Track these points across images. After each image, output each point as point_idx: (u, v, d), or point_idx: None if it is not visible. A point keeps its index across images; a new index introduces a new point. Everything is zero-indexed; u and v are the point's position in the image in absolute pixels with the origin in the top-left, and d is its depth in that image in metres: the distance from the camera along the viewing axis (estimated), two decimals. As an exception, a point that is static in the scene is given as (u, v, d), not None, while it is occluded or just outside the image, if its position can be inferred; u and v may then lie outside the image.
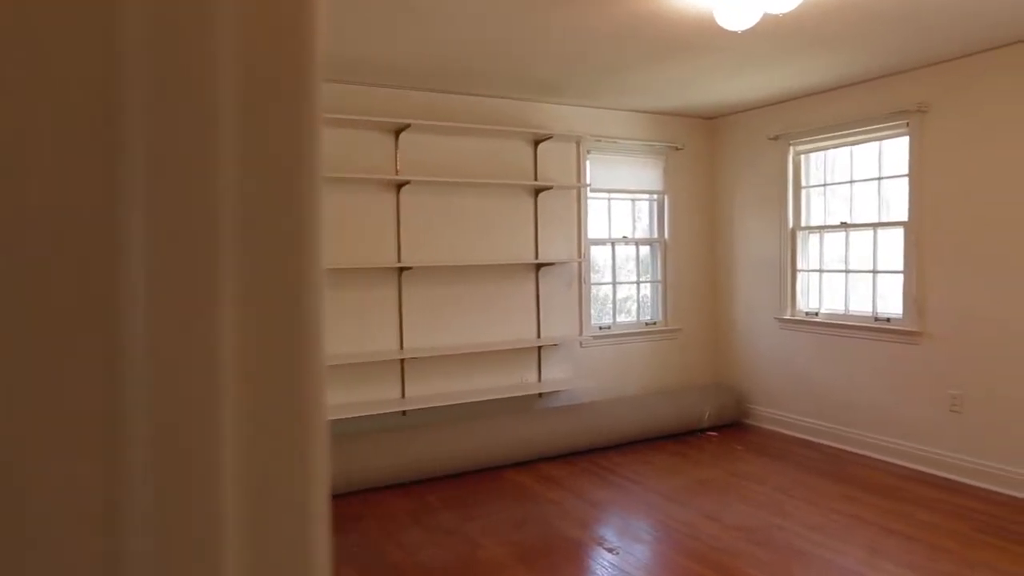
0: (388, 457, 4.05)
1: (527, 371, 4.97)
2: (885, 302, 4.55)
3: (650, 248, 5.58)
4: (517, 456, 4.46)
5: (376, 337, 4.43)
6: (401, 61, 3.84)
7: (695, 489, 4.00)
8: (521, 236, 4.91)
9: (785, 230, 5.12)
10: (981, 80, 3.90)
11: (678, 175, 5.57)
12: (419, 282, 4.57)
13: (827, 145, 4.85)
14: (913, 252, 4.29)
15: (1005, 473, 3.84)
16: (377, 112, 4.38)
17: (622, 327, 5.38)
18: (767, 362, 5.32)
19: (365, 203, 4.37)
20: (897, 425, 4.41)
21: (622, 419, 4.83)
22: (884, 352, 4.47)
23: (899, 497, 3.80)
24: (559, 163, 5.04)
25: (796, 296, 5.12)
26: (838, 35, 3.49)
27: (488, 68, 4.01)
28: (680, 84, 4.48)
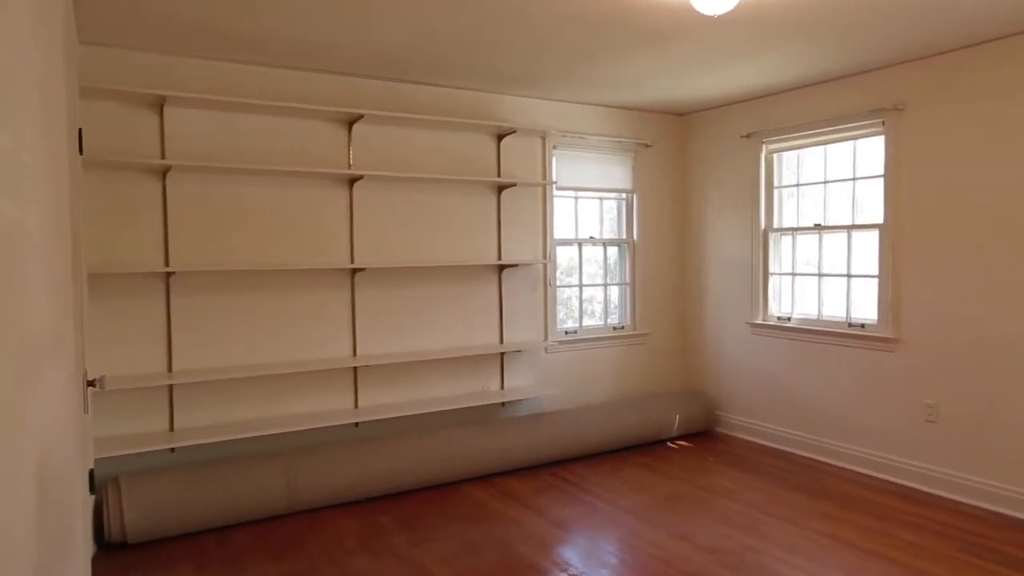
0: (337, 473, 3.75)
1: (489, 379, 4.70)
2: (860, 307, 4.39)
3: (618, 249, 5.36)
4: (477, 470, 4.19)
5: (327, 343, 4.12)
6: (353, 47, 3.54)
7: (664, 506, 3.77)
8: (483, 236, 4.64)
9: (757, 231, 4.94)
10: (959, 78, 3.75)
11: (648, 173, 5.35)
12: (374, 284, 4.27)
13: (801, 144, 4.67)
14: (888, 256, 4.13)
15: (983, 486, 3.70)
16: (328, 101, 4.07)
17: (589, 331, 5.14)
18: (738, 368, 5.14)
19: (315, 199, 4.06)
20: (873, 435, 4.26)
21: (588, 429, 4.59)
22: (859, 359, 4.31)
23: (877, 514, 3.62)
24: (524, 159, 4.78)
25: (768, 300, 4.94)
26: (816, 26, 3.29)
27: (447, 56, 3.73)
28: (651, 77, 4.25)
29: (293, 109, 3.82)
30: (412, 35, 3.36)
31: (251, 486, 3.49)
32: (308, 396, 4.07)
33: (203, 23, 3.15)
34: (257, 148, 3.88)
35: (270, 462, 3.62)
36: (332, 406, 4.16)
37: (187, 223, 3.71)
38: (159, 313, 3.65)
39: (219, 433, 3.61)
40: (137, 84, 3.54)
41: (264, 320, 3.92)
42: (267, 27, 3.22)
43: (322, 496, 3.70)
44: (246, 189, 3.86)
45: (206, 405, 3.78)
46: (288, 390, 4.01)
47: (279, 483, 3.57)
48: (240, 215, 3.85)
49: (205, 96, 3.55)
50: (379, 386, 4.30)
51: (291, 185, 3.98)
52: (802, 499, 3.85)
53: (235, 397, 3.85)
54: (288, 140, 3.96)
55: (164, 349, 3.66)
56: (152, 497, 3.25)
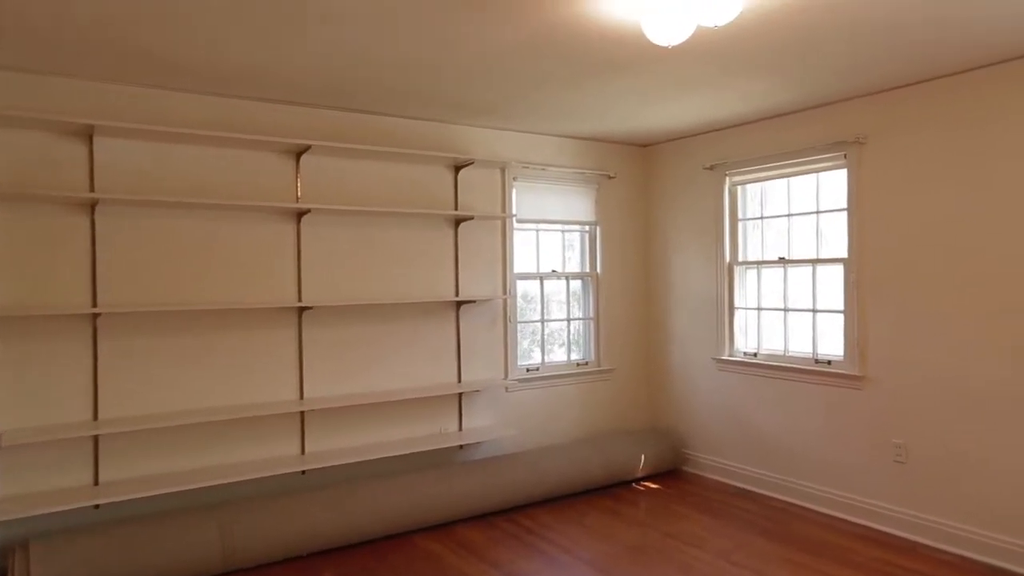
0: (279, 526, 3.49)
1: (446, 421, 4.49)
2: (826, 343, 4.29)
3: (581, 282, 5.22)
4: (431, 519, 3.96)
5: (271, 386, 3.88)
6: (299, 75, 3.37)
7: (628, 556, 3.58)
8: (440, 271, 4.46)
9: (722, 264, 4.84)
10: (920, 111, 3.70)
11: (611, 205, 5.24)
12: (323, 323, 4.05)
13: (764, 176, 4.60)
14: (853, 291, 4.04)
15: (952, 530, 3.57)
16: (273, 131, 3.88)
17: (551, 368, 4.97)
18: (705, 405, 4.99)
19: (259, 234, 3.85)
20: (841, 476, 4.12)
21: (550, 471, 4.39)
22: (825, 397, 4.20)
23: (846, 560, 3.47)
24: (482, 191, 4.63)
25: (734, 335, 4.82)
26: (775, 59, 3.22)
27: (400, 85, 3.58)
28: (610, 107, 4.15)
29: (235, 140, 3.63)
30: (351, 61, 3.21)
31: (181, 544, 3.22)
32: (250, 444, 3.82)
33: (133, 48, 2.96)
34: (196, 180, 3.67)
35: (204, 517, 3.35)
36: (276, 453, 3.90)
37: (118, 261, 3.47)
38: (85, 357, 3.39)
39: (150, 487, 3.34)
40: (63, 112, 3.32)
41: (202, 363, 3.68)
42: (202, 52, 3.04)
43: (261, 552, 3.44)
44: (184, 224, 3.64)
45: (136, 456, 3.50)
46: (228, 438, 3.75)
47: (213, 540, 3.30)
48: (177, 252, 3.62)
49: (139, 126, 3.34)
50: (328, 431, 4.07)
51: (233, 219, 3.77)
52: (770, 546, 3.68)
53: (169, 447, 3.59)
54: (230, 172, 3.76)
55: (90, 396, 3.39)
56: (67, 562, 2.96)
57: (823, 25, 2.78)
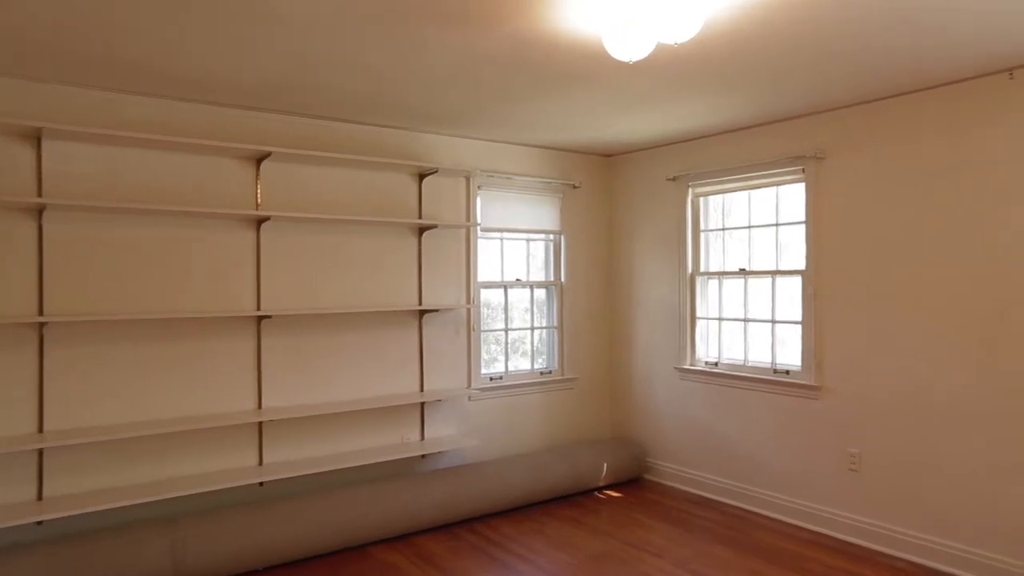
0: (233, 540, 3.41)
1: (409, 430, 4.44)
2: (785, 353, 4.36)
3: (546, 291, 5.23)
4: (392, 530, 3.91)
5: (228, 397, 3.80)
6: (260, 80, 3.31)
7: (588, 566, 3.58)
8: (403, 280, 4.42)
9: (684, 275, 4.89)
10: (874, 129, 3.79)
11: (576, 214, 5.26)
12: (282, 332, 3.98)
13: (726, 188, 4.67)
14: (811, 302, 4.12)
15: (906, 537, 3.66)
16: (232, 137, 3.81)
17: (515, 377, 4.96)
18: (667, 414, 5.04)
19: (217, 241, 3.77)
20: (799, 484, 4.19)
21: (512, 481, 4.38)
22: (784, 406, 4.26)
23: (802, 568, 3.52)
24: (446, 199, 4.61)
25: (695, 345, 4.88)
26: (734, 74, 3.27)
27: (362, 92, 3.54)
28: (574, 118, 4.17)
29: (193, 145, 3.55)
30: (314, 68, 3.16)
31: (129, 560, 3.12)
32: (205, 455, 3.73)
33: (85, 50, 2.87)
34: (151, 186, 3.58)
35: (154, 531, 3.26)
36: (233, 465, 3.82)
37: (67, 268, 3.36)
38: (30, 367, 3.27)
39: (97, 501, 3.24)
40: (10, 114, 3.21)
41: (156, 373, 3.58)
42: (158, 56, 2.96)
43: (215, 567, 3.35)
44: (137, 231, 3.54)
45: (84, 469, 3.39)
46: (182, 449, 3.66)
47: (163, 555, 3.21)
48: (130, 259, 3.52)
49: (91, 129, 3.24)
50: (288, 441, 3.99)
51: (190, 226, 3.69)
52: (729, 554, 3.72)
53: (119, 460, 3.48)
54: (187, 178, 3.68)
55: (35, 407, 3.28)
56: (8, 581, 2.85)
57: (781, 44, 2.83)
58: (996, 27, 2.67)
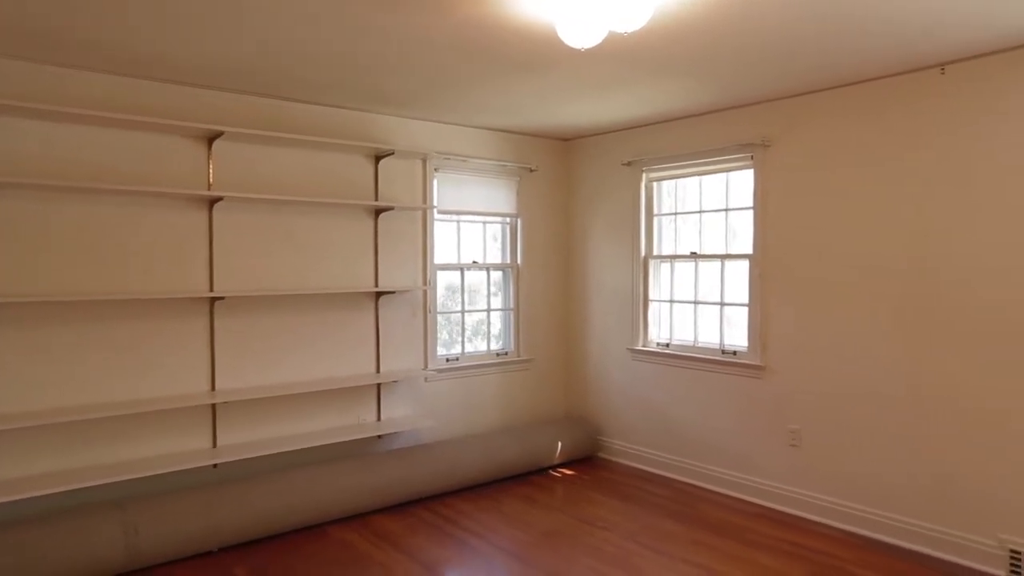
0: (187, 522, 3.40)
1: (365, 411, 4.48)
2: (733, 334, 4.52)
3: (502, 274, 5.29)
4: (348, 509, 3.96)
5: (180, 378, 3.77)
6: (212, 59, 3.26)
7: (542, 542, 3.69)
8: (359, 261, 4.43)
9: (638, 258, 5.01)
10: (817, 119, 3.93)
11: (532, 198, 5.32)
12: (236, 313, 3.96)
13: (678, 174, 4.78)
14: (757, 285, 4.27)
15: (841, 508, 3.86)
16: (183, 116, 3.75)
17: (471, 358, 5.02)
18: (620, 394, 5.17)
19: (168, 221, 3.71)
20: (744, 460, 4.37)
21: (468, 460, 4.46)
22: (731, 385, 4.43)
23: (744, 539, 3.69)
24: (403, 181, 4.61)
25: (648, 326, 5.01)
26: (683, 63, 3.35)
27: (318, 72, 3.52)
28: (529, 103, 4.21)
29: (141, 123, 3.48)
30: (267, 48, 3.13)
31: (80, 544, 3.10)
32: (158, 438, 3.70)
33: (26, 24, 2.79)
34: (98, 164, 3.50)
35: (105, 514, 3.24)
36: (186, 447, 3.80)
37: (11, 247, 3.28)
38: (-27, 350, 3.20)
39: (48, 484, 3.19)
40: (-52, 89, 3.10)
41: (106, 355, 3.53)
42: (105, 31, 2.90)
43: (168, 549, 3.35)
44: (85, 209, 3.47)
45: (34, 453, 3.34)
46: (134, 432, 3.62)
47: (115, 538, 3.19)
48: (77, 239, 3.45)
49: (35, 105, 3.16)
50: (242, 423, 3.99)
51: (139, 206, 3.63)
52: (676, 527, 3.87)
53: (70, 443, 3.44)
54: (136, 157, 3.61)
55: (-21, 391, 3.21)
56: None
57: (726, 36, 2.92)
58: (929, 25, 2.80)
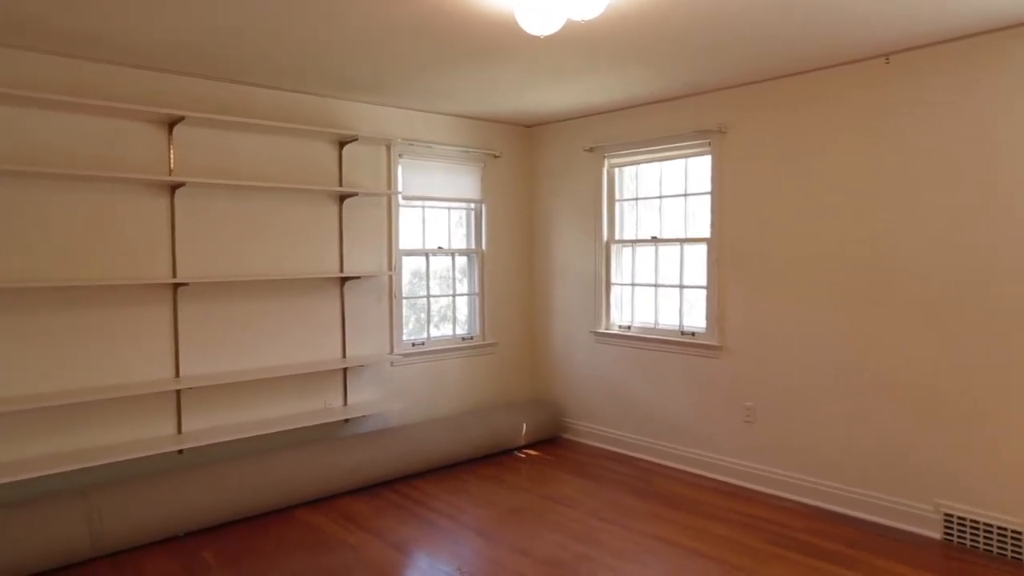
0: (152, 507, 3.42)
1: (332, 396, 4.51)
2: (691, 316, 4.66)
3: (467, 259, 5.35)
4: (315, 492, 4.00)
5: (144, 365, 3.76)
6: (172, 42, 3.24)
7: (508, 519, 3.79)
8: (324, 247, 4.44)
9: (600, 243, 5.11)
10: (771, 106, 4.06)
11: (496, 184, 5.38)
12: (200, 299, 3.95)
13: (639, 160, 4.89)
14: (715, 268, 4.41)
15: (792, 480, 4.04)
16: (143, 100, 3.71)
17: (437, 343, 5.08)
18: (583, 376, 5.29)
19: (129, 207, 3.69)
20: (702, 437, 4.53)
21: (434, 443, 4.53)
22: (690, 366, 4.57)
23: (701, 512, 3.84)
24: (367, 167, 4.63)
25: (610, 309, 5.13)
26: (642, 50, 3.44)
27: (280, 58, 3.52)
28: (492, 89, 4.26)
29: (100, 107, 3.44)
30: (228, 31, 3.13)
31: (43, 531, 3.10)
32: (122, 425, 3.69)
33: (-23, 7, 2.75)
34: (54, 149, 3.46)
35: (69, 502, 3.23)
36: (150, 434, 3.80)
37: (-35, 233, 3.23)
38: (-72, 337, 3.15)
39: (11, 472, 3.17)
40: None
41: (67, 342, 3.50)
42: (58, 10, 2.86)
43: (134, 535, 3.36)
44: (43, 195, 3.43)
45: (-8, 441, 3.31)
46: (98, 419, 3.61)
47: (79, 525, 3.19)
48: (32, 225, 3.41)
49: (-13, 89, 3.11)
50: (208, 409, 3.99)
51: (98, 191, 3.59)
52: (636, 503, 4.01)
53: (33, 430, 3.41)
54: (94, 142, 3.57)
55: (-65, 379, 3.17)
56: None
57: (683, 24, 3.01)
58: (873, 15, 2.93)
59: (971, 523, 3.34)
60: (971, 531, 3.33)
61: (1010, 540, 3.22)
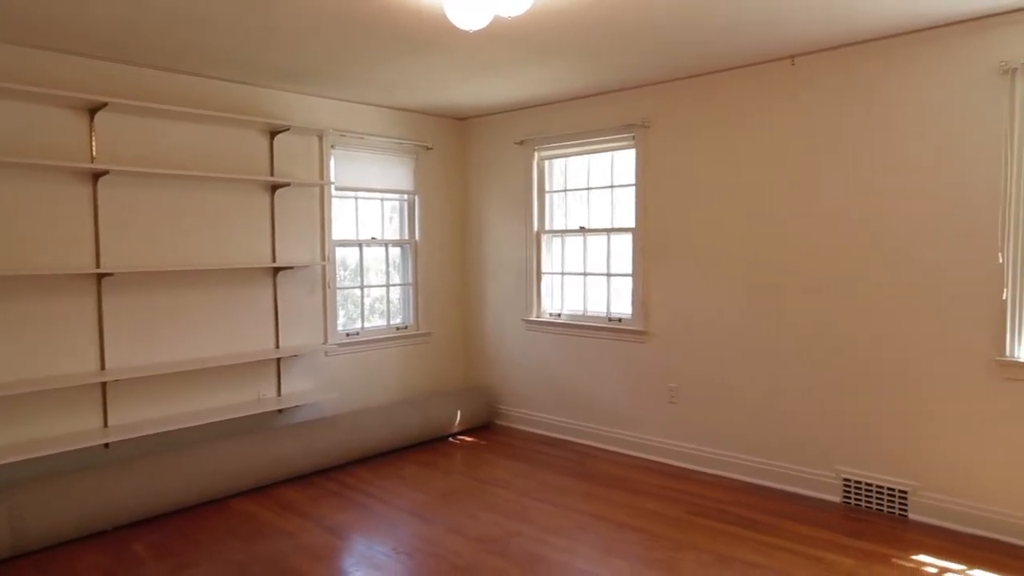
0: (79, 503, 3.35)
1: (265, 386, 4.49)
2: (618, 303, 4.87)
3: (401, 250, 5.40)
4: (249, 482, 3.99)
5: (67, 357, 3.66)
6: (95, 25, 3.17)
7: (442, 501, 3.89)
8: (256, 237, 4.41)
9: (531, 233, 5.26)
10: (690, 102, 4.29)
11: (429, 175, 5.45)
12: (127, 290, 3.87)
13: (567, 152, 5.05)
14: (639, 257, 4.62)
15: (712, 456, 4.29)
16: (61, 84, 3.61)
17: (371, 333, 5.12)
18: (516, 363, 5.43)
19: (48, 195, 3.58)
20: (630, 418, 4.74)
21: (370, 430, 4.58)
22: (617, 350, 4.78)
23: (629, 488, 4.05)
24: (299, 158, 4.62)
25: (541, 298, 5.28)
26: (567, 47, 3.58)
27: (210, 44, 3.48)
28: (424, 81, 4.33)
29: (15, 91, 3.33)
30: (154, 15, 3.09)
31: (-36, 528, 3.00)
32: (44, 419, 3.59)
33: None
34: (-33, 134, 3.33)
35: (-10, 498, 3.14)
36: (74, 428, 3.71)
37: None
38: None
39: (-80, 470, 3.06)
40: None
41: (-19, 334, 3.38)
42: (-28, -4, 2.77)
43: (59, 532, 3.29)
44: (-47, 182, 3.30)
45: (-99, 438, 3.17)
46: (18, 414, 3.50)
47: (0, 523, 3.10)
48: (-55, 212, 3.28)
49: None
50: (136, 401, 3.92)
51: (14, 179, 3.47)
52: (567, 482, 4.18)
53: (-57, 426, 3.28)
54: (10, 127, 3.45)
55: None
56: None
57: (605, 22, 3.17)
58: (780, 19, 3.17)
59: (865, 486, 3.66)
60: (865, 493, 3.66)
61: (897, 499, 3.55)
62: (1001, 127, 3.18)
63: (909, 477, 3.53)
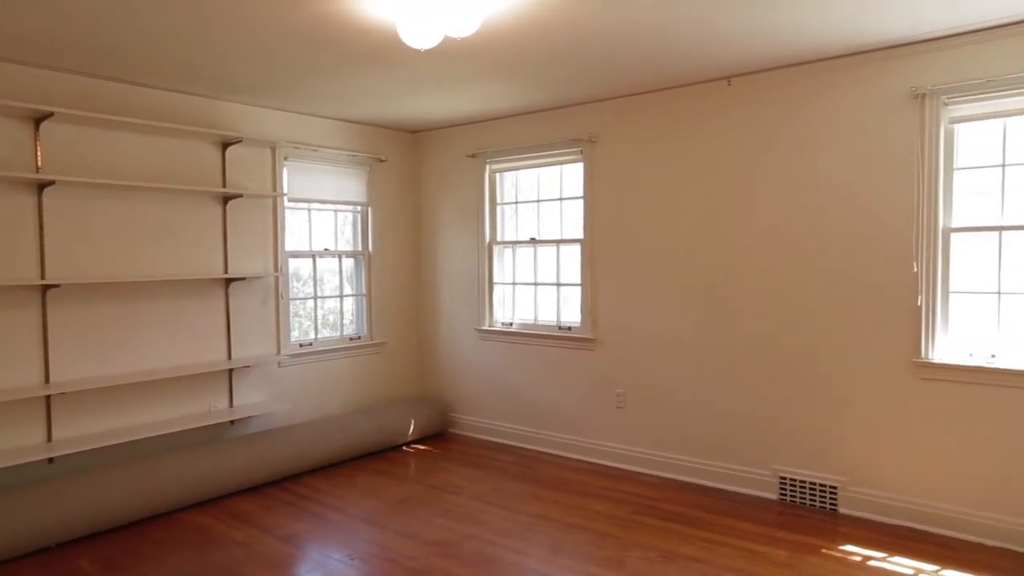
0: (17, 519, 3.28)
1: (217, 398, 4.47)
2: (568, 312, 5.01)
3: (354, 261, 5.45)
4: (200, 494, 3.97)
5: (7, 371, 3.60)
6: (40, 33, 3.16)
7: (396, 508, 3.94)
8: (208, 248, 4.41)
9: (483, 244, 5.37)
10: (633, 119, 4.49)
11: (383, 187, 5.52)
12: (73, 302, 3.83)
13: (518, 166, 5.20)
14: (588, 267, 4.78)
15: (656, 458, 4.46)
16: (7, 94, 3.57)
17: (324, 343, 5.15)
18: (469, 372, 5.53)
19: (-9, 206, 3.53)
20: (579, 424, 4.88)
21: (323, 440, 4.60)
22: (567, 358, 4.92)
23: (577, 491, 4.18)
24: (252, 169, 4.64)
25: (493, 307, 5.40)
26: (515, 65, 3.73)
27: (161, 55, 3.50)
28: (377, 96, 4.42)
29: (-42, 101, 3.29)
30: (102, 24, 3.11)
31: (-99, 547, 2.93)
32: (-15, 433, 3.52)
33: None
34: (-93, 144, 3.27)
35: (-71, 515, 3.07)
36: (16, 443, 3.64)
37: None
38: None
39: None
40: None
41: (-80, 348, 3.31)
42: (-84, 6, 2.75)
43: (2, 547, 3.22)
44: None
45: None
46: (-44, 428, 3.42)
47: (-58, 538, 3.04)
48: None
49: None
50: (83, 415, 3.87)
51: (-43, 189, 3.42)
52: (519, 487, 4.28)
53: None
54: (-48, 136, 3.40)
55: None
56: None
57: (552, 42, 3.32)
58: (716, 43, 3.37)
59: (799, 483, 3.88)
60: (800, 490, 3.87)
61: (828, 495, 3.78)
62: (913, 147, 3.45)
63: (838, 473, 3.75)
